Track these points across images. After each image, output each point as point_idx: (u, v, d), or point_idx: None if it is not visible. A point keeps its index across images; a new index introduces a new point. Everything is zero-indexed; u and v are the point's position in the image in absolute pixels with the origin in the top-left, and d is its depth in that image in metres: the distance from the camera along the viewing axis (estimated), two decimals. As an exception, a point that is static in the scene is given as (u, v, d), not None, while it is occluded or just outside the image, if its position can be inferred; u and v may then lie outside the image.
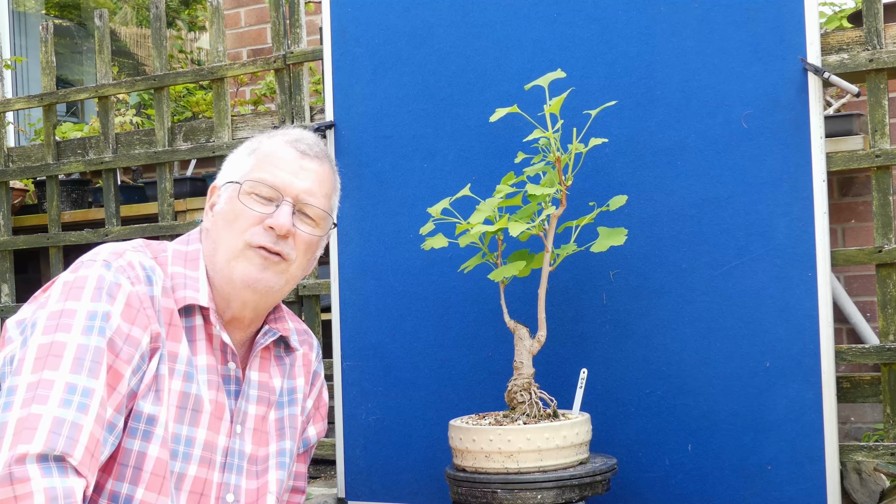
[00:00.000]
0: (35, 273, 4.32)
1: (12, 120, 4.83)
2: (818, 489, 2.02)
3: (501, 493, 1.82)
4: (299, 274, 1.60)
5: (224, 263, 1.54)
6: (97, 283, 1.43)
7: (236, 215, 1.54)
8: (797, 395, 2.04)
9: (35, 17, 6.37)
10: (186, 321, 1.53)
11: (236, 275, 1.53)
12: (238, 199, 1.55)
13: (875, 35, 2.19)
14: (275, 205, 1.55)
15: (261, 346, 1.62)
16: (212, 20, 3.04)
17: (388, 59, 2.40)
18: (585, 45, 2.22)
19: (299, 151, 1.59)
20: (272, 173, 1.56)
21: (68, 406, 1.31)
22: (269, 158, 1.59)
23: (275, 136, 1.63)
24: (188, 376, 1.50)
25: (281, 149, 1.60)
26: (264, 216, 1.54)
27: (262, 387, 1.62)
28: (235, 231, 1.54)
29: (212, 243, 1.57)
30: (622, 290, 2.16)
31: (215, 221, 1.58)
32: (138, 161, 3.19)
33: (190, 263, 1.56)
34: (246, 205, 1.54)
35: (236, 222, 1.54)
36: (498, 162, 2.24)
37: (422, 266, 2.32)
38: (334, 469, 2.66)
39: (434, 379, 2.32)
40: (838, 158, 2.22)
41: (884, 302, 2.18)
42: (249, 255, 1.53)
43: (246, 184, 1.56)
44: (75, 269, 1.47)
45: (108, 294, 1.42)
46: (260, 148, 1.61)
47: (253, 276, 1.53)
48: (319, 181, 1.60)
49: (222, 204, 1.58)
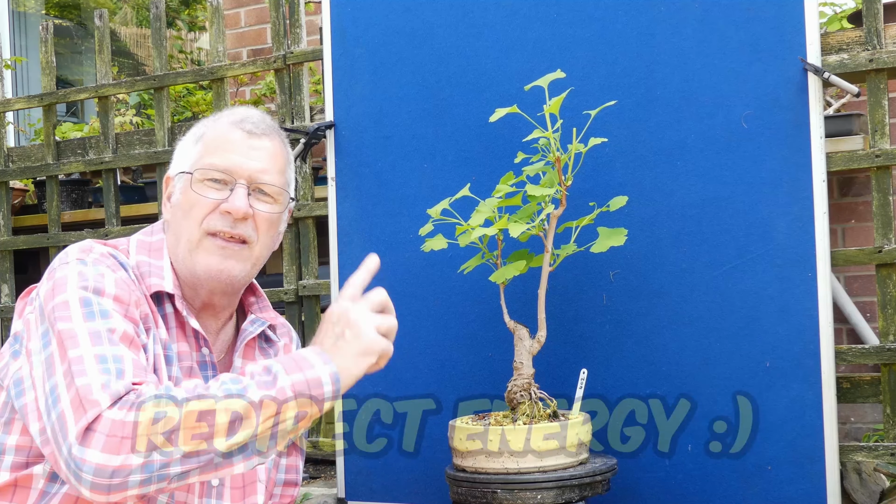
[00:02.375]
0: (35, 273, 4.32)
1: (12, 120, 4.83)
2: (818, 489, 2.02)
3: (501, 494, 1.82)
4: (265, 253, 1.61)
5: (186, 254, 1.54)
6: (79, 279, 1.42)
7: (191, 205, 1.55)
8: (797, 396, 2.04)
9: (35, 17, 6.37)
10: (159, 309, 1.53)
11: (199, 267, 1.54)
12: (191, 188, 1.55)
13: (875, 35, 2.19)
14: (229, 189, 1.55)
15: (251, 334, 1.63)
16: (212, 20, 3.04)
17: (388, 59, 2.40)
18: (585, 45, 2.22)
19: (246, 132, 1.59)
20: (222, 157, 1.56)
21: (107, 371, 1.31)
22: (217, 143, 1.58)
23: (220, 120, 1.63)
24: (168, 360, 1.51)
25: (228, 131, 1.59)
26: (219, 202, 1.54)
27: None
28: (192, 221, 1.54)
29: (173, 235, 1.57)
30: (622, 290, 2.16)
31: (173, 213, 1.58)
32: (138, 161, 3.19)
33: (154, 253, 1.57)
34: (199, 193, 1.54)
35: (192, 212, 1.54)
36: (498, 162, 2.24)
37: (422, 266, 2.32)
38: (334, 469, 2.66)
39: (433, 379, 2.32)
40: (838, 158, 2.22)
41: (884, 302, 2.18)
42: (208, 246, 1.53)
43: (197, 172, 1.56)
44: (49, 276, 1.46)
45: (95, 284, 1.42)
46: (207, 133, 1.61)
47: (215, 267, 1.54)
48: (271, 158, 1.60)
49: (177, 195, 1.58)
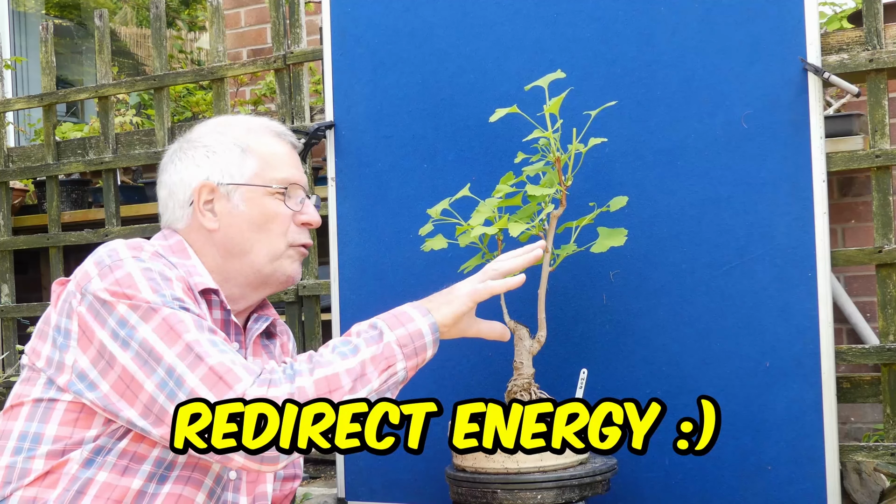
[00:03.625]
0: (35, 273, 4.32)
1: (12, 120, 4.83)
2: (818, 489, 2.02)
3: (501, 493, 1.82)
4: None
5: (265, 263, 1.62)
6: (145, 275, 1.45)
7: (268, 218, 1.62)
8: (797, 396, 2.03)
9: (35, 17, 6.37)
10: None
11: (280, 274, 1.63)
12: (267, 201, 1.62)
13: (875, 35, 2.19)
14: (298, 200, 1.65)
15: (257, 331, 1.67)
16: (212, 20, 3.04)
17: (388, 59, 2.40)
18: (585, 46, 2.22)
19: (290, 143, 1.70)
20: (286, 171, 1.66)
21: (228, 351, 1.40)
22: (274, 155, 1.66)
23: (259, 131, 1.68)
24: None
25: (276, 143, 1.68)
26: (295, 213, 1.65)
27: None
28: (273, 233, 1.62)
29: (235, 245, 1.62)
30: (622, 290, 2.16)
31: (231, 222, 1.61)
32: (138, 161, 3.19)
33: (180, 254, 1.60)
34: (274, 208, 1.63)
35: (272, 224, 1.62)
36: (498, 162, 2.24)
37: (422, 266, 2.32)
38: (334, 469, 2.66)
39: (434, 379, 2.32)
40: (838, 159, 2.22)
41: (884, 302, 2.18)
42: (292, 254, 1.64)
43: (272, 186, 1.63)
44: (103, 274, 1.46)
45: (163, 278, 1.46)
46: (252, 145, 1.65)
47: (296, 275, 1.66)
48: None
49: (240, 206, 1.61)
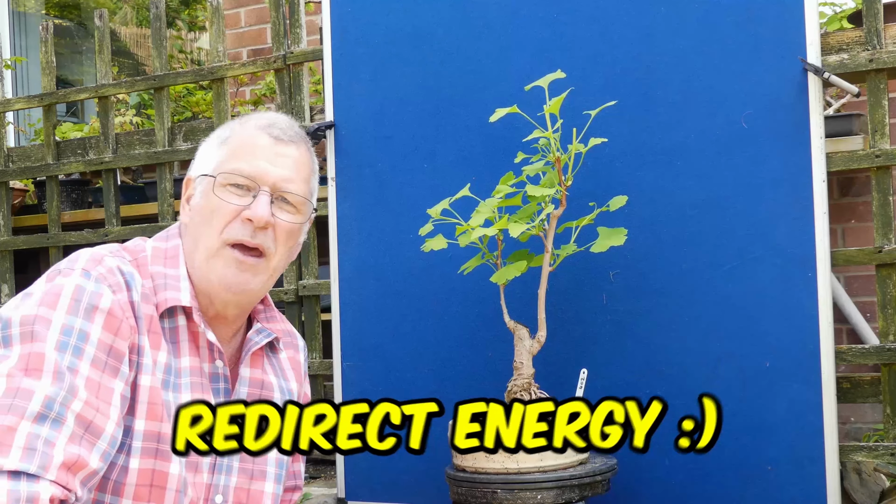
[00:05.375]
0: (35, 273, 4.31)
1: (12, 120, 4.83)
2: (818, 489, 2.02)
3: (501, 493, 1.82)
4: (282, 265, 1.57)
5: (202, 262, 1.50)
6: (74, 293, 1.38)
7: (212, 210, 1.50)
8: (797, 396, 2.04)
9: (35, 17, 6.37)
10: (169, 322, 1.50)
11: (213, 276, 1.49)
12: (213, 192, 1.50)
13: (875, 35, 2.19)
14: (252, 195, 1.50)
15: (256, 345, 1.59)
16: (212, 20, 3.04)
17: (388, 59, 2.40)
18: (585, 46, 2.22)
19: (273, 137, 1.53)
20: (247, 162, 1.51)
21: (42, 422, 1.26)
22: (243, 147, 1.53)
23: (247, 123, 1.58)
24: (166, 384, 1.46)
25: (255, 136, 1.54)
26: (241, 208, 1.49)
27: (255, 383, 1.59)
28: (213, 227, 1.49)
29: (191, 240, 1.53)
30: (622, 290, 2.16)
31: (192, 216, 1.54)
32: (138, 161, 3.19)
33: (170, 261, 1.52)
34: (221, 198, 1.49)
35: (213, 217, 1.49)
36: (498, 162, 2.24)
37: (422, 266, 2.32)
38: (334, 469, 2.66)
39: (434, 379, 2.32)
40: (838, 159, 2.22)
41: (884, 302, 2.18)
42: (226, 256, 1.49)
43: (220, 176, 1.51)
44: (51, 277, 1.43)
45: (88, 307, 1.38)
46: (232, 136, 1.56)
47: (230, 280, 1.49)
48: (297, 166, 1.55)
49: (198, 198, 1.53)
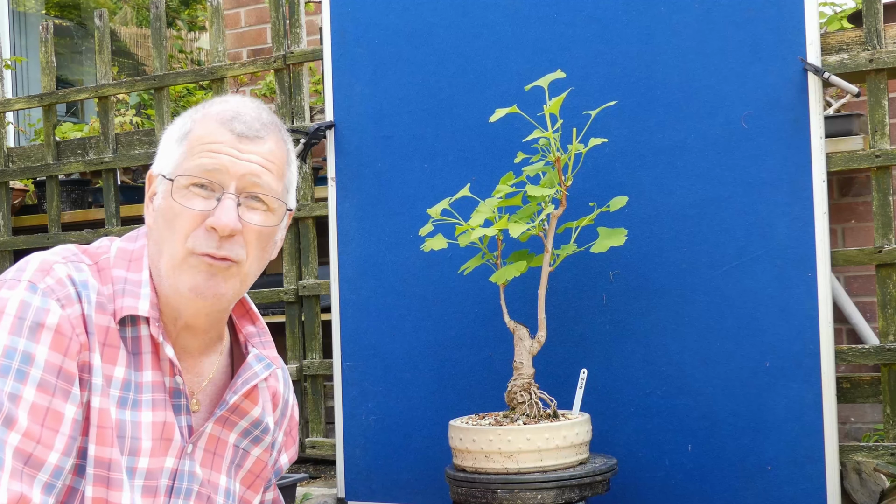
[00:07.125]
0: (35, 273, 4.31)
1: (12, 120, 4.83)
2: (818, 489, 2.02)
3: (501, 493, 1.82)
4: (257, 268, 1.42)
5: (168, 272, 1.36)
6: (18, 311, 1.28)
7: (174, 215, 1.35)
8: (797, 396, 2.04)
9: (35, 17, 6.37)
10: (131, 331, 1.38)
11: (182, 286, 1.35)
12: (172, 197, 1.37)
13: (875, 35, 2.19)
14: (216, 197, 1.35)
15: (256, 377, 1.46)
16: (212, 20, 3.04)
17: (388, 59, 2.40)
18: (585, 45, 2.22)
19: (236, 134, 1.37)
20: (210, 157, 1.36)
21: None
22: (203, 143, 1.37)
23: (208, 116, 1.41)
24: (123, 402, 1.35)
25: (216, 131, 1.37)
26: (205, 214, 1.34)
27: (240, 412, 1.47)
28: (176, 235, 1.35)
29: (155, 244, 1.39)
30: (622, 290, 2.16)
31: (156, 219, 1.40)
32: (138, 161, 3.19)
33: (133, 265, 1.40)
34: (182, 203, 1.35)
35: (175, 223, 1.35)
36: (498, 162, 2.24)
37: (422, 266, 2.32)
38: (334, 469, 2.66)
39: (434, 379, 2.32)
40: (838, 159, 2.22)
41: (884, 302, 2.18)
42: (194, 263, 1.35)
43: (180, 178, 1.35)
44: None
45: (33, 325, 1.28)
46: (193, 130, 1.40)
47: (201, 286, 1.35)
48: (266, 160, 1.38)
49: (160, 199, 1.39)
